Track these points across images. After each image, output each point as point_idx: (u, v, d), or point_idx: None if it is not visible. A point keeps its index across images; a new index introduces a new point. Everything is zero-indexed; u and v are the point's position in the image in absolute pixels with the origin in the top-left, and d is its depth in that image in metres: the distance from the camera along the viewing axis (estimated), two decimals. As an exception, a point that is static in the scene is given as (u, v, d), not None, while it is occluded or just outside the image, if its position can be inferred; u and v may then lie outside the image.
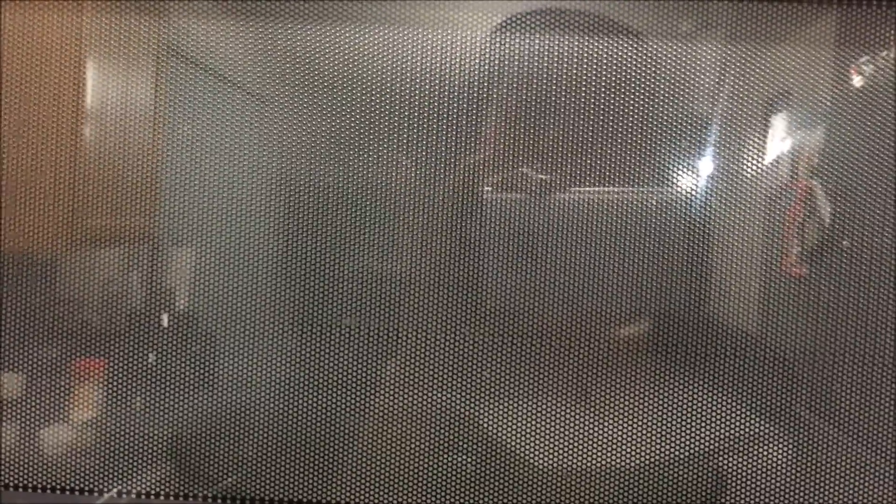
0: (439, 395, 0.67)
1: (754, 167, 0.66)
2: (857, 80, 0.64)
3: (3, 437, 0.70)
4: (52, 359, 0.70)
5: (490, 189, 0.68)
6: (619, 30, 0.64)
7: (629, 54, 0.64)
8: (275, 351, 0.69)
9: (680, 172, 0.65)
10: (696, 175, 0.65)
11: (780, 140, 0.69)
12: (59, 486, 0.66)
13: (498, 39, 0.65)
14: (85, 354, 0.71)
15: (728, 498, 0.64)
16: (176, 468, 0.69)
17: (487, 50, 0.65)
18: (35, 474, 0.67)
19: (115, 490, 0.67)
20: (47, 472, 0.67)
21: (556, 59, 0.64)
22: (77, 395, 0.71)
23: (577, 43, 0.64)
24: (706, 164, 0.66)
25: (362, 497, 0.65)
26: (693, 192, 0.65)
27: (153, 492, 0.66)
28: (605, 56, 0.64)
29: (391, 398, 0.68)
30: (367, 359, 0.66)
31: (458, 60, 0.64)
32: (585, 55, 0.64)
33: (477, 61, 0.65)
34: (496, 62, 0.65)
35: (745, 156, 0.66)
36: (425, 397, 0.67)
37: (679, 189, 0.65)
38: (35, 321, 0.69)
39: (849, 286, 0.64)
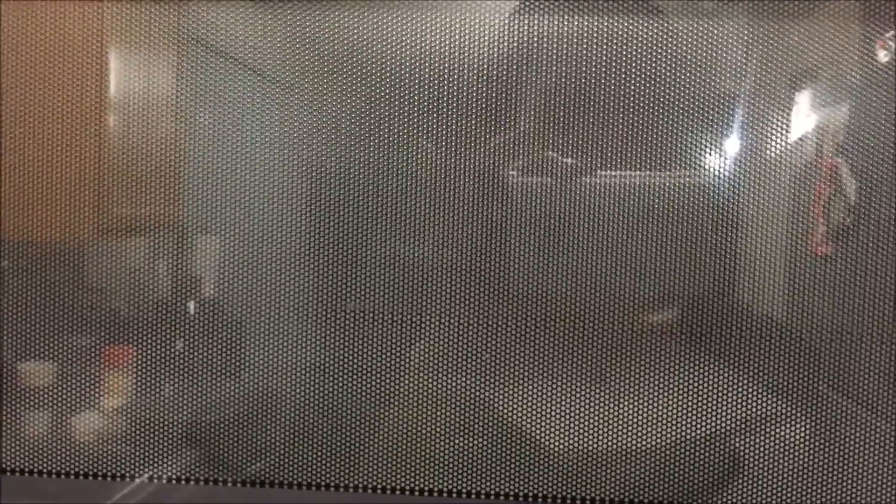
0: (463, 379, 0.67)
1: (779, 146, 0.66)
2: (883, 55, 0.64)
3: (34, 425, 0.71)
4: (81, 347, 0.71)
5: (514, 173, 0.67)
6: (642, 9, 0.64)
7: (653, 33, 0.64)
8: (301, 337, 0.69)
9: (704, 152, 0.65)
10: (721, 155, 0.65)
11: (804, 118, 0.68)
12: (90, 472, 0.67)
13: (520, 19, 0.65)
14: (114, 342, 0.72)
15: (745, 479, 0.64)
16: (204, 454, 0.69)
17: (509, 31, 0.65)
18: (66, 460, 0.68)
19: (146, 475, 0.67)
20: (78, 458, 0.68)
21: (575, 40, 0.64)
22: (107, 382, 0.72)
23: (599, 23, 0.64)
24: (730, 144, 0.65)
25: (387, 481, 0.66)
26: (717, 172, 0.65)
27: (183, 477, 0.67)
28: (628, 36, 0.64)
29: (415, 383, 0.68)
30: (391, 344, 0.67)
31: (480, 40, 0.64)
32: (609, 36, 0.64)
33: (499, 42, 0.65)
34: (518, 43, 0.65)
35: (770, 135, 0.66)
36: (449, 382, 0.67)
37: (704, 169, 0.65)
38: (63, 310, 0.70)
39: (875, 265, 0.63)
